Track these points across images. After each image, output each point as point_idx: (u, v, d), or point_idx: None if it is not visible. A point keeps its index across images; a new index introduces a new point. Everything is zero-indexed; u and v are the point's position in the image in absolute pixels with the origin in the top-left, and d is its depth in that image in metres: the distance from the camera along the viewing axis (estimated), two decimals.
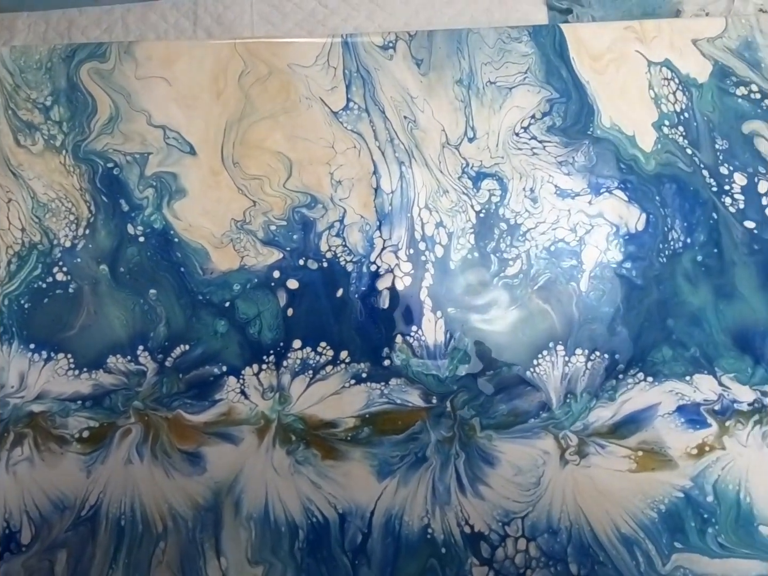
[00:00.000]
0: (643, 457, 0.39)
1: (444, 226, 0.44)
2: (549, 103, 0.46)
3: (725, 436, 0.39)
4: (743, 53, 0.46)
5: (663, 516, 0.38)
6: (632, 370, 0.40)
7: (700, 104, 0.45)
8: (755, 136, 0.44)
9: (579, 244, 0.43)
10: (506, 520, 0.38)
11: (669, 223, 0.43)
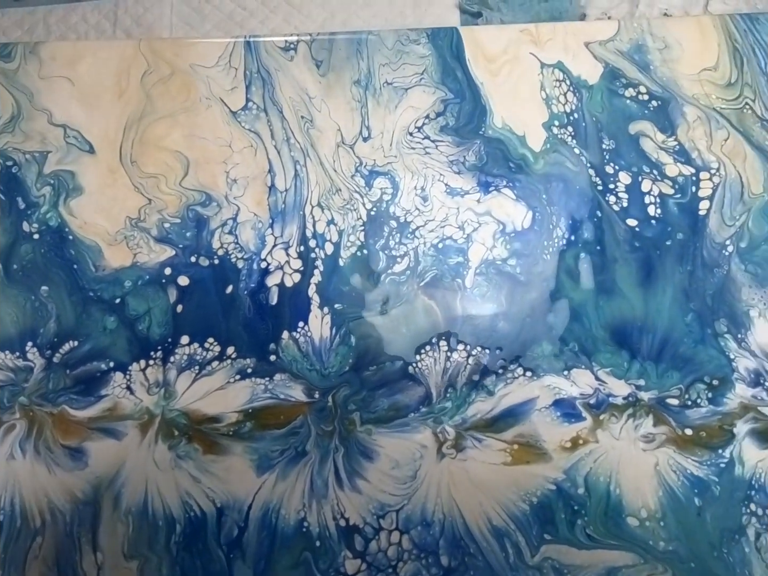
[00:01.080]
0: (518, 451, 0.39)
1: (335, 223, 0.44)
2: (443, 104, 0.47)
3: (599, 429, 0.40)
4: (634, 56, 0.47)
5: (535, 508, 0.38)
6: (512, 365, 0.41)
7: (590, 105, 0.46)
8: (641, 136, 0.46)
9: (466, 242, 0.44)
10: (381, 513, 0.38)
11: (554, 220, 0.44)
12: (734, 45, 0.48)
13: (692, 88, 0.47)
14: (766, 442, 0.39)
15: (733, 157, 0.45)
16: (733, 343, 0.41)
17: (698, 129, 0.46)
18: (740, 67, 0.47)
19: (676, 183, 0.45)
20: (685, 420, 0.40)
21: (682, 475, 0.39)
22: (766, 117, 0.46)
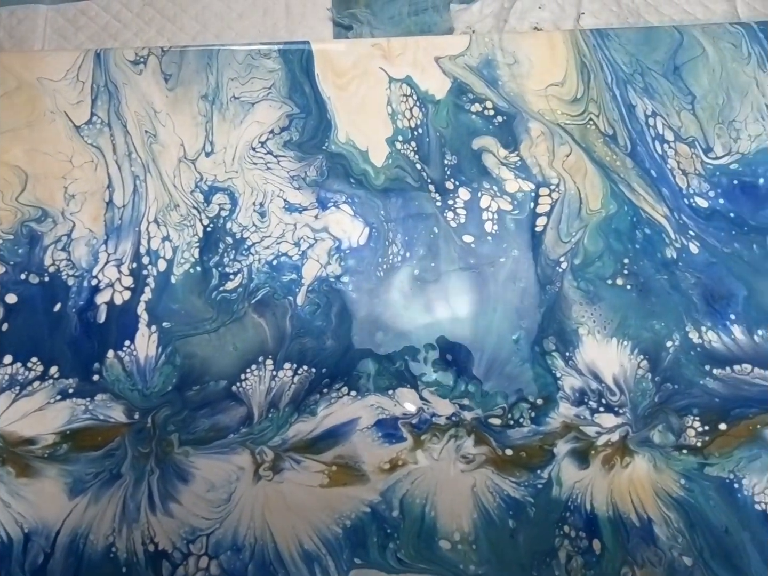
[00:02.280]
0: (336, 472, 0.39)
1: (170, 240, 0.44)
2: (289, 119, 0.46)
3: (419, 450, 0.39)
4: (482, 71, 0.47)
5: (348, 531, 0.38)
6: (337, 384, 0.40)
7: (435, 120, 0.46)
8: (484, 152, 0.45)
9: (301, 258, 0.43)
10: (192, 537, 0.38)
11: (391, 237, 0.44)
12: (583, 60, 0.48)
13: (538, 103, 0.47)
14: (585, 462, 0.39)
15: (574, 173, 0.45)
16: (560, 361, 0.41)
17: (541, 145, 0.46)
18: (587, 82, 0.48)
19: (515, 199, 0.45)
20: (506, 440, 0.40)
21: (498, 497, 0.38)
22: (608, 133, 0.46)
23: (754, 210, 0.45)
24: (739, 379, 0.41)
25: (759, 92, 0.47)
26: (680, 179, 0.45)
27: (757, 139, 0.46)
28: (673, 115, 0.47)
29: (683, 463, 0.39)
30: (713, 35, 0.49)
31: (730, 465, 0.39)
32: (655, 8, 0.59)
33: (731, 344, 0.42)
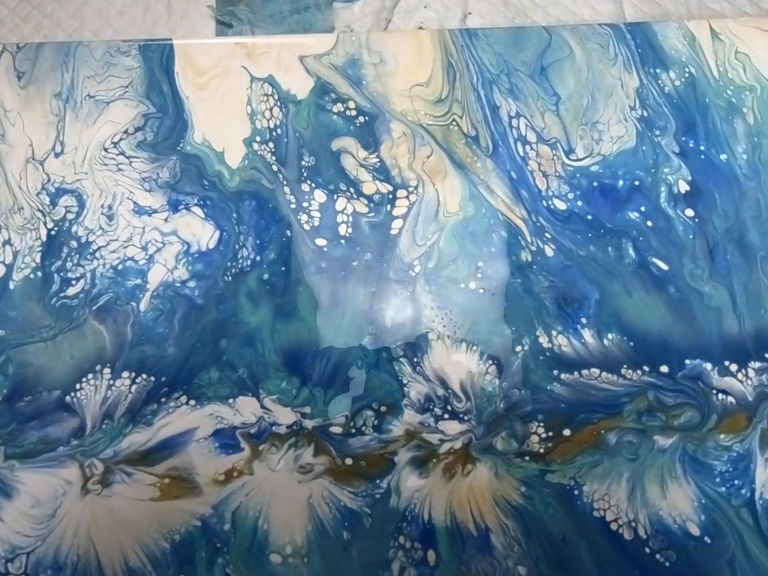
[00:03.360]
0: (169, 485, 0.37)
1: (11, 244, 0.42)
2: (144, 118, 0.45)
3: (256, 460, 0.38)
4: (347, 70, 0.46)
5: (175, 546, 0.36)
6: (176, 393, 0.39)
7: (295, 120, 0.45)
8: (342, 153, 0.45)
9: (147, 263, 0.42)
10: (11, 556, 0.36)
11: (242, 240, 0.42)
12: (449, 61, 0.48)
13: (402, 103, 0.46)
14: (426, 470, 0.38)
15: (434, 175, 0.45)
16: (407, 367, 0.40)
17: (402, 146, 0.45)
18: (452, 83, 0.47)
19: (371, 201, 0.44)
20: (346, 449, 0.39)
21: (334, 508, 0.37)
22: (471, 134, 0.46)
23: (612, 212, 0.44)
24: (586, 383, 0.41)
25: (623, 93, 0.47)
26: (540, 181, 0.45)
27: (619, 141, 0.46)
28: (537, 116, 0.47)
29: (525, 471, 0.39)
30: (581, 36, 0.49)
31: (572, 472, 0.39)
32: (542, 9, 0.59)
33: (581, 348, 0.41)
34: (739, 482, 0.39)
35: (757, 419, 0.40)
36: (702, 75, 0.48)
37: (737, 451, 0.39)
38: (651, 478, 0.39)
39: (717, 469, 0.39)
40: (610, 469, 0.39)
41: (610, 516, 0.38)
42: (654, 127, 0.47)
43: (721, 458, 0.39)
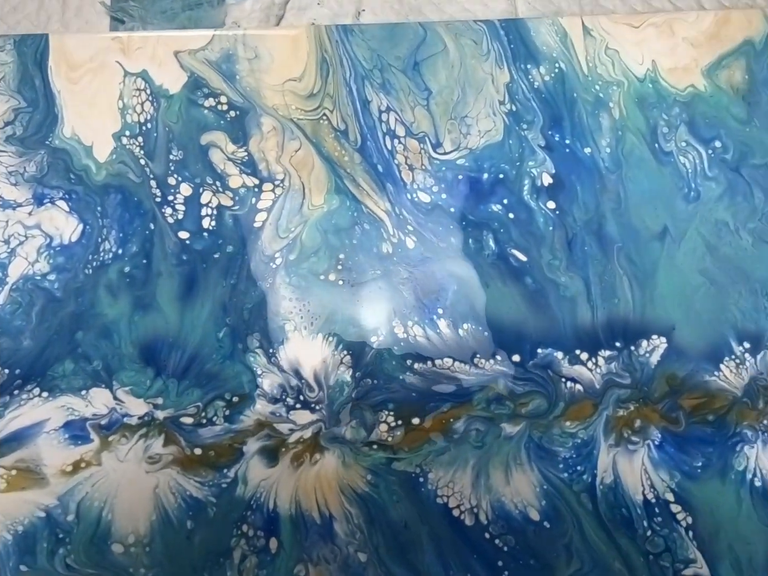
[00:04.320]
0: (16, 477, 0.38)
1: None
2: (15, 113, 0.45)
3: (105, 451, 0.39)
4: (221, 65, 0.47)
5: (18, 538, 0.37)
6: (29, 386, 0.40)
7: (166, 115, 0.46)
8: (211, 147, 0.45)
9: (9, 256, 0.42)
10: None
11: (105, 233, 0.43)
12: (324, 56, 0.48)
13: (274, 98, 0.47)
14: (274, 459, 0.39)
15: (300, 168, 0.45)
16: (263, 358, 0.41)
17: (271, 140, 0.46)
18: (325, 78, 0.48)
19: (237, 195, 0.45)
20: (196, 439, 0.39)
21: (180, 497, 0.38)
22: (340, 128, 0.47)
23: (475, 205, 0.45)
24: (438, 373, 0.41)
25: (494, 89, 0.48)
26: (406, 174, 0.46)
27: (486, 135, 0.47)
28: (407, 110, 0.48)
29: (372, 459, 0.40)
30: (456, 32, 0.50)
31: (418, 459, 0.39)
32: (436, 6, 0.60)
33: (436, 338, 0.42)
34: (581, 468, 0.40)
35: (603, 406, 0.41)
36: (571, 70, 0.49)
37: (582, 437, 0.40)
38: (496, 465, 0.40)
39: (561, 455, 0.40)
40: (456, 457, 0.40)
41: (453, 502, 0.39)
42: (522, 121, 0.48)
43: (565, 445, 0.40)
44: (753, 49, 0.50)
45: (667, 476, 0.40)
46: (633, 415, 0.41)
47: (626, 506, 0.39)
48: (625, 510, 0.39)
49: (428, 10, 0.62)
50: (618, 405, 0.41)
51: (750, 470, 0.40)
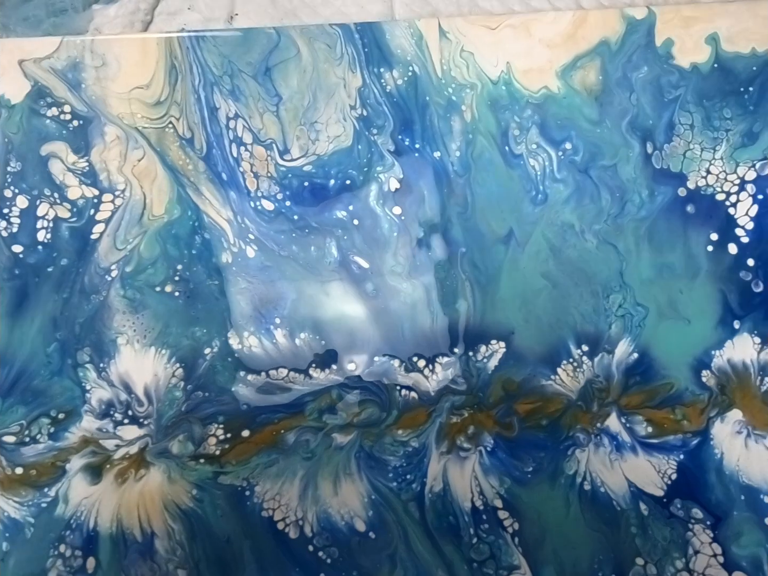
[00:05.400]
0: None
1: None
2: None
3: None
4: (68, 74, 0.47)
5: None
6: None
7: (7, 126, 0.46)
8: (51, 158, 0.45)
9: None
10: None
11: None
12: (173, 63, 0.48)
13: (119, 107, 0.47)
14: (97, 477, 0.39)
15: (143, 178, 0.45)
16: (93, 373, 0.41)
17: (114, 149, 0.46)
18: (173, 85, 0.48)
19: (75, 206, 0.44)
20: (18, 458, 0.39)
21: None
22: (186, 136, 0.46)
23: (320, 212, 0.45)
24: (272, 384, 0.41)
25: (345, 93, 0.48)
26: (250, 182, 0.46)
27: (335, 140, 0.47)
28: (256, 117, 0.47)
29: (198, 473, 0.39)
30: (310, 36, 0.50)
31: (246, 472, 0.39)
32: (312, 9, 0.60)
33: (271, 348, 0.42)
34: (411, 476, 0.40)
35: (437, 413, 0.41)
36: (425, 73, 0.49)
37: (413, 445, 0.40)
38: (325, 476, 0.40)
39: (391, 464, 0.40)
40: (284, 469, 0.40)
41: (279, 515, 0.39)
42: (372, 126, 0.48)
43: (396, 453, 0.40)
44: (608, 50, 0.51)
45: (497, 482, 0.40)
46: (467, 422, 0.41)
47: (454, 514, 0.39)
48: (452, 518, 0.39)
49: (304, 14, 0.62)
50: (452, 412, 0.41)
51: (580, 474, 0.40)
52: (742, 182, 0.48)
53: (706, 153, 0.48)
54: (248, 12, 0.63)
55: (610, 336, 0.44)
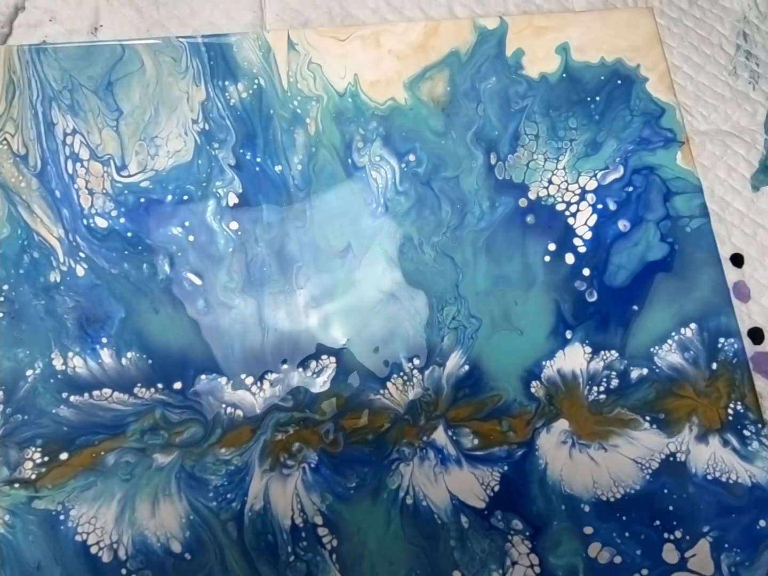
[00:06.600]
0: None
1: None
2: None
3: None
4: None
5: None
6: None
7: None
8: None
9: None
10: None
11: None
12: (11, 77, 0.48)
13: None
14: None
15: None
16: None
17: None
18: (10, 100, 0.48)
19: None
20: None
21: None
22: (21, 153, 0.47)
23: (155, 228, 0.46)
24: (95, 404, 0.42)
25: (188, 107, 0.49)
26: (85, 199, 0.46)
27: (175, 155, 0.47)
28: (94, 132, 0.48)
29: (12, 498, 0.39)
30: (156, 50, 0.50)
31: (62, 496, 0.40)
32: (180, 19, 0.60)
33: (96, 369, 0.42)
34: (231, 495, 0.40)
35: (261, 431, 0.42)
36: (271, 86, 0.50)
37: (236, 464, 0.41)
38: (143, 498, 0.40)
39: (212, 483, 0.40)
40: (102, 491, 0.40)
41: (93, 539, 0.39)
42: (214, 140, 0.48)
43: (218, 473, 0.41)
44: (458, 60, 0.52)
45: (319, 499, 0.40)
46: (292, 439, 0.42)
47: (273, 532, 0.40)
48: (271, 536, 0.39)
49: (171, 24, 0.62)
50: (277, 429, 0.42)
51: (403, 488, 0.41)
52: (583, 192, 0.49)
53: (549, 163, 0.49)
54: (113, 23, 0.62)
55: (442, 349, 0.44)
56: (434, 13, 0.64)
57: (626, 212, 0.49)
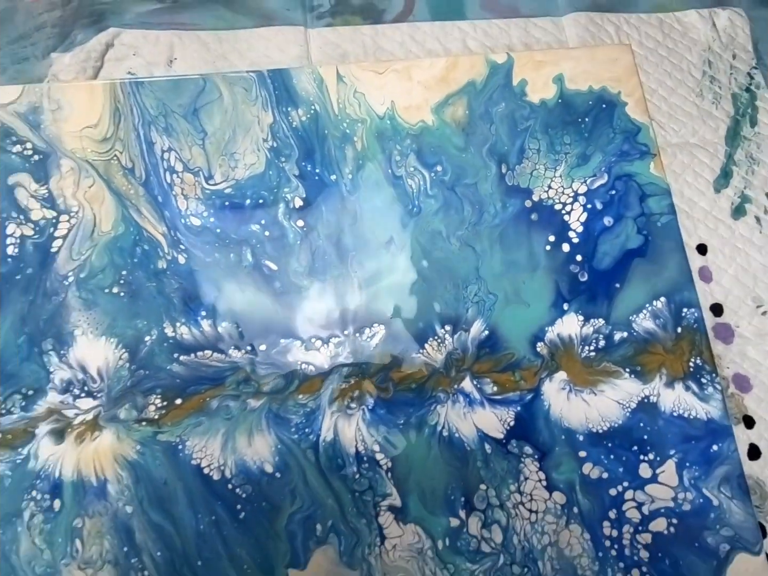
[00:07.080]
0: None
1: None
2: None
3: None
4: (29, 116, 0.58)
5: None
6: None
7: None
8: (17, 187, 0.56)
9: None
10: None
11: None
12: (116, 105, 0.60)
13: (72, 143, 0.59)
14: (61, 438, 0.51)
15: (93, 201, 0.57)
16: (55, 358, 0.53)
17: (69, 178, 0.58)
18: (117, 124, 0.60)
19: (37, 226, 0.56)
20: None
21: None
22: (128, 166, 0.59)
23: (237, 225, 0.58)
24: (199, 362, 0.54)
25: (259, 128, 0.61)
26: (181, 203, 0.58)
27: (251, 168, 0.60)
28: (185, 149, 0.60)
29: (141, 433, 0.51)
30: (231, 81, 0.62)
31: (179, 431, 0.52)
32: (239, 53, 0.73)
33: (199, 335, 0.54)
34: (308, 430, 0.53)
35: (329, 381, 0.54)
36: (324, 111, 0.62)
37: (311, 407, 0.53)
38: (241, 432, 0.52)
39: (293, 421, 0.53)
40: (209, 428, 0.52)
41: (205, 463, 0.51)
42: (281, 155, 0.60)
43: (298, 413, 0.53)
44: (474, 89, 0.64)
45: (376, 432, 0.53)
46: (353, 387, 0.54)
47: (342, 457, 0.52)
48: (340, 460, 0.52)
49: (233, 57, 0.74)
50: (342, 380, 0.54)
51: (440, 424, 0.53)
52: (576, 195, 0.62)
53: (549, 172, 0.62)
54: (185, 56, 0.75)
55: (467, 318, 0.57)
56: (451, 46, 0.77)
57: (610, 211, 0.61)
